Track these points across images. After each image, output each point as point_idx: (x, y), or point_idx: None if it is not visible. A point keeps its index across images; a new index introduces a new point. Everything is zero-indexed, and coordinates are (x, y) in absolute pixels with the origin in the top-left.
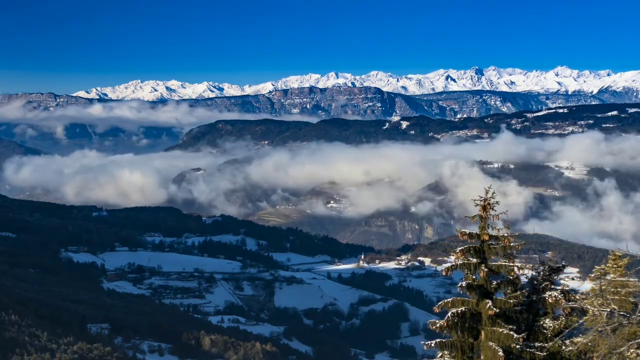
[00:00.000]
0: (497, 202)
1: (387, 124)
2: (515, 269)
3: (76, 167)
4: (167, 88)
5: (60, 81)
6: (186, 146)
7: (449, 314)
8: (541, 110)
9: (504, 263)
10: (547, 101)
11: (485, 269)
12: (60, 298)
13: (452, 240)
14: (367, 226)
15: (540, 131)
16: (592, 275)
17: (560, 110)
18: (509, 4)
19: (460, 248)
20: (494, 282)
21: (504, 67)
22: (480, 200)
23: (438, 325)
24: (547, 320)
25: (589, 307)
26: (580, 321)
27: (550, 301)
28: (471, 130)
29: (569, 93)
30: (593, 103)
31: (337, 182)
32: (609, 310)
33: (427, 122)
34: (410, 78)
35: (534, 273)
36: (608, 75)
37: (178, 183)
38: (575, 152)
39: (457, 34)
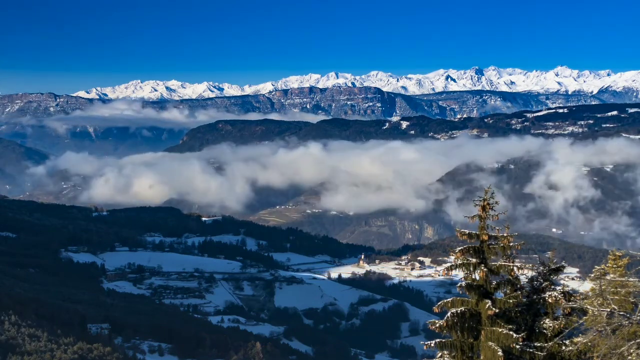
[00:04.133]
0: (496, 202)
1: (387, 124)
2: (515, 269)
3: (76, 167)
4: (167, 88)
5: (60, 81)
6: (186, 146)
7: (449, 314)
8: (541, 110)
9: (503, 263)
10: (547, 101)
11: (485, 269)
12: (60, 298)
13: (452, 240)
14: (367, 226)
15: (540, 131)
16: (592, 275)
17: (560, 110)
18: (509, 4)
19: (459, 248)
20: (494, 282)
21: (504, 67)
22: (480, 200)
23: (438, 325)
24: (547, 320)
25: (589, 307)
26: (580, 321)
27: (550, 301)
28: (471, 130)
29: (569, 93)
30: (593, 103)
31: (337, 182)
32: (609, 310)
33: (427, 122)
34: (410, 78)
35: (534, 273)
36: (608, 75)
37: (178, 183)
38: (575, 152)
39: (457, 34)
